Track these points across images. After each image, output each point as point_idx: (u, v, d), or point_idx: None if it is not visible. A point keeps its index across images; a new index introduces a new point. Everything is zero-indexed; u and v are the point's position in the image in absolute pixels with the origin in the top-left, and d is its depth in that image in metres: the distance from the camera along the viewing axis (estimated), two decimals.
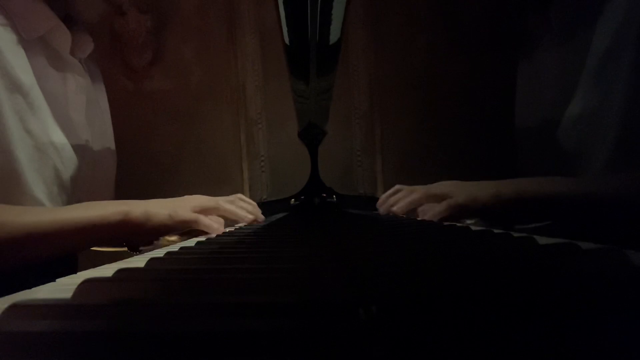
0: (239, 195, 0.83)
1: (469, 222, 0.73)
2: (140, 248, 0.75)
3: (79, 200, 0.79)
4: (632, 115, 0.66)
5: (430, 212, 0.71)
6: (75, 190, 0.78)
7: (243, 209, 0.79)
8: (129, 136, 1.16)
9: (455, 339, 0.15)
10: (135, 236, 0.69)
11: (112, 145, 0.95)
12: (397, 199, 0.79)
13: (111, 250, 0.77)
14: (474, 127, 1.35)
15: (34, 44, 0.72)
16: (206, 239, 0.58)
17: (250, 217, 0.79)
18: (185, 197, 0.77)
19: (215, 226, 0.70)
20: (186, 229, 0.71)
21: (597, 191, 0.65)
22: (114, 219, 0.65)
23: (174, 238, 0.78)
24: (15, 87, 0.67)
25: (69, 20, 0.79)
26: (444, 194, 0.72)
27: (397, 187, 0.82)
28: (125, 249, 0.73)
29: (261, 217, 0.83)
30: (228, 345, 0.15)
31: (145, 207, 0.68)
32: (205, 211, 0.73)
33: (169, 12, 1.38)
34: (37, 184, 0.69)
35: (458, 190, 0.72)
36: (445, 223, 0.66)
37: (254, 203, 0.83)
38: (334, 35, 0.58)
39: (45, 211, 0.66)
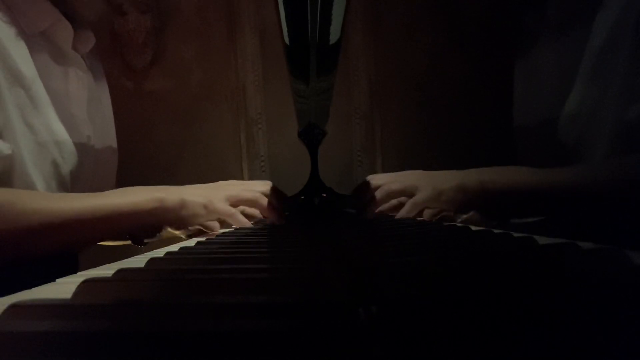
0: (269, 184, 0.78)
1: (464, 216, 0.72)
2: (145, 241, 0.74)
3: None
4: (630, 111, 0.66)
5: (398, 214, 0.72)
6: (75, 186, 0.78)
7: (275, 210, 0.76)
8: (129, 136, 1.16)
9: (455, 339, 0.15)
10: (168, 223, 0.67)
11: (114, 142, 0.95)
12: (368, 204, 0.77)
13: (114, 245, 0.76)
14: (474, 126, 1.35)
15: (36, 38, 0.73)
16: (206, 239, 0.58)
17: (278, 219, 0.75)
18: (220, 183, 0.75)
19: (248, 225, 0.70)
20: (218, 220, 0.70)
21: (563, 181, 0.64)
22: (150, 205, 0.63)
23: (177, 232, 0.77)
24: (17, 81, 0.67)
25: (70, 15, 0.79)
26: (407, 189, 0.71)
27: (367, 182, 0.80)
28: (129, 242, 0.72)
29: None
30: (228, 345, 0.15)
31: (181, 194, 0.66)
32: (240, 202, 0.72)
33: (169, 12, 1.38)
34: (37, 178, 0.69)
35: (421, 183, 0.70)
36: (445, 223, 0.66)
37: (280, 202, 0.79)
38: (334, 35, 0.58)
39: (81, 197, 0.64)
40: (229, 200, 0.70)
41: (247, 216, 0.74)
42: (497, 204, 0.67)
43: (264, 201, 0.73)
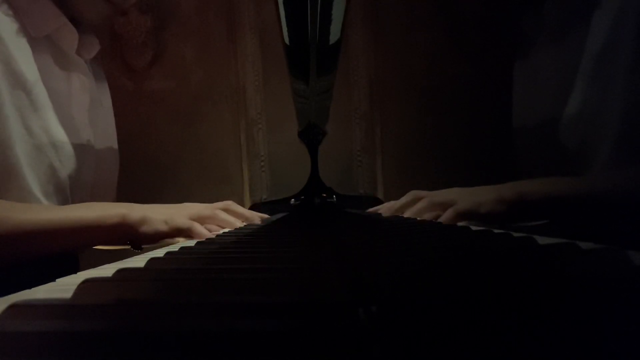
0: (229, 203, 0.81)
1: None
2: (143, 246, 0.75)
3: (80, 200, 0.79)
4: (630, 113, 0.66)
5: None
6: (75, 189, 0.78)
7: (240, 218, 0.78)
8: (129, 136, 1.16)
9: (456, 339, 0.15)
10: (130, 239, 0.69)
11: (115, 145, 0.95)
12: (401, 209, 0.79)
13: (113, 249, 0.77)
14: (474, 126, 1.35)
15: (40, 41, 0.73)
16: (206, 239, 0.58)
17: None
18: (185, 204, 0.77)
19: (208, 235, 0.69)
20: (181, 236, 0.71)
21: (598, 189, 0.65)
22: (112, 221, 0.65)
23: (180, 239, 0.78)
24: (19, 84, 0.67)
25: (76, 19, 0.79)
26: (448, 202, 0.72)
27: (410, 194, 0.82)
28: (128, 247, 0.73)
29: (258, 220, 0.82)
30: (228, 345, 0.15)
31: (144, 211, 0.68)
32: (202, 219, 0.73)
33: (169, 12, 1.38)
34: (33, 181, 0.69)
35: (462, 197, 0.72)
36: (445, 223, 0.66)
37: (248, 211, 0.82)
38: (334, 35, 0.58)
39: (45, 209, 0.66)
40: (190, 217, 0.71)
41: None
42: (535, 214, 0.68)
43: (225, 216, 0.75)
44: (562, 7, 0.80)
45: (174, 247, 0.47)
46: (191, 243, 0.53)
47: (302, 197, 1.06)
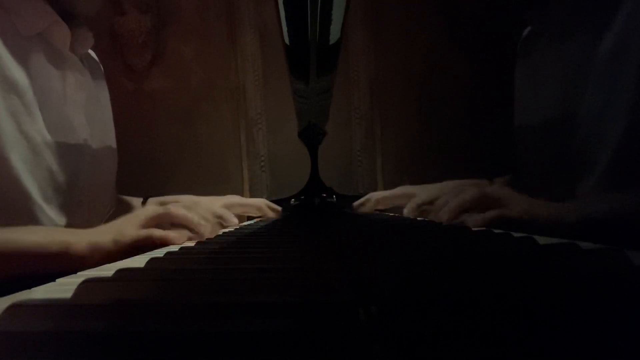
0: (202, 199, 0.73)
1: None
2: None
3: (79, 201, 0.79)
4: (636, 115, 0.66)
5: (472, 219, 0.64)
6: (74, 190, 0.77)
7: (203, 213, 0.69)
8: (129, 136, 1.16)
9: (455, 339, 0.15)
10: (81, 268, 0.65)
11: (113, 144, 0.94)
12: (392, 199, 0.76)
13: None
14: (474, 126, 1.35)
15: (32, 40, 0.72)
16: (206, 239, 0.58)
17: (204, 224, 0.66)
18: (133, 213, 0.68)
19: (171, 235, 0.61)
20: (144, 248, 0.61)
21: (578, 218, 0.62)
22: (54, 248, 0.58)
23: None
24: (11, 88, 0.66)
25: (68, 15, 0.78)
26: (496, 199, 0.65)
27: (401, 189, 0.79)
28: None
29: (233, 220, 0.76)
30: (228, 345, 0.15)
31: (89, 237, 0.60)
32: (158, 220, 0.65)
33: (169, 12, 1.38)
34: (32, 186, 0.68)
35: (514, 200, 0.64)
36: (445, 223, 0.66)
37: (252, 200, 0.77)
38: (334, 35, 0.58)
39: None
40: (142, 224, 0.62)
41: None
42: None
43: (179, 211, 0.66)
44: (569, 6, 0.79)
45: (174, 247, 0.47)
46: (191, 243, 0.53)
47: (302, 197, 1.06)
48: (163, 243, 0.60)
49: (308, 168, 1.11)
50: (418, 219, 0.74)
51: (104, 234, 0.61)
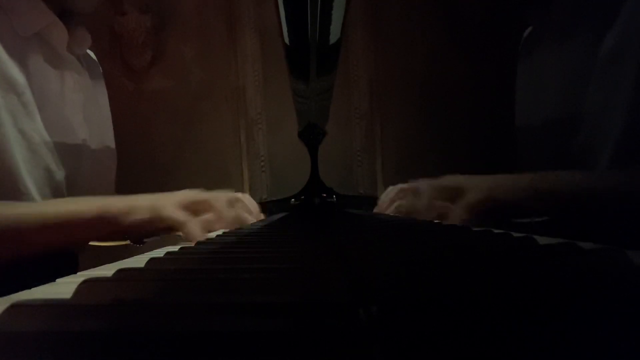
0: (240, 196, 0.73)
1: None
2: (145, 240, 0.73)
3: None
4: (637, 115, 0.66)
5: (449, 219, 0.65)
6: (72, 190, 0.77)
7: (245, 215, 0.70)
8: (129, 136, 1.16)
9: (455, 339, 0.15)
10: (114, 234, 0.63)
11: (112, 144, 0.94)
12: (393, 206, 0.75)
13: (112, 245, 0.76)
14: (474, 126, 1.35)
15: (30, 41, 0.72)
16: (206, 239, 0.58)
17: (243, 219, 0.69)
18: (177, 192, 0.68)
19: (199, 236, 0.60)
20: (171, 230, 0.63)
21: (606, 186, 0.62)
22: (92, 213, 0.59)
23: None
24: (10, 87, 0.66)
25: (66, 15, 0.78)
26: (455, 188, 0.66)
27: (398, 189, 0.78)
28: (126, 242, 0.71)
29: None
30: (228, 345, 0.15)
31: (126, 201, 0.62)
32: (196, 206, 0.65)
33: (169, 12, 1.38)
34: (31, 185, 0.68)
35: (472, 184, 0.65)
36: (444, 223, 0.66)
37: (256, 207, 0.75)
38: (334, 35, 0.58)
39: (16, 206, 0.61)
40: (181, 204, 0.63)
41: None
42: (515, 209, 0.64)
43: (227, 212, 0.66)
44: (571, 6, 0.79)
45: (174, 247, 0.47)
46: (191, 243, 0.53)
47: (302, 197, 1.06)
48: (187, 239, 0.60)
49: (308, 168, 1.11)
50: (418, 219, 0.74)
51: (142, 200, 0.62)
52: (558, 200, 0.62)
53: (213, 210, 0.66)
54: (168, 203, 0.62)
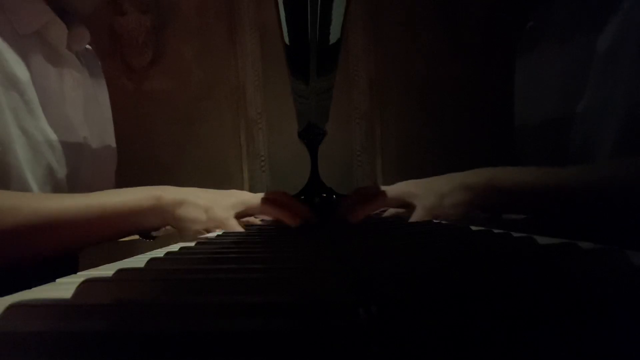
0: (281, 194, 0.71)
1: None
2: (154, 234, 0.73)
3: None
4: (634, 115, 0.66)
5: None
6: (73, 189, 0.77)
7: (293, 212, 0.68)
8: (129, 136, 1.16)
9: (455, 339, 0.15)
10: (166, 223, 0.63)
11: (113, 142, 0.94)
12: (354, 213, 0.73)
13: (121, 240, 0.75)
14: (475, 126, 1.35)
15: (29, 39, 0.71)
16: (206, 239, 0.58)
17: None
18: (231, 191, 0.69)
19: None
20: (218, 228, 0.64)
21: (567, 179, 0.62)
22: (147, 203, 0.60)
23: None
24: (12, 85, 0.66)
25: (65, 13, 0.77)
26: (406, 195, 0.67)
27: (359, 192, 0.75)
28: (136, 237, 0.71)
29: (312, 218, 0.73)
30: (228, 345, 0.15)
31: (181, 194, 0.62)
32: (251, 211, 0.67)
33: (169, 12, 1.38)
34: (32, 183, 0.68)
35: (422, 192, 0.66)
36: (444, 223, 0.66)
37: (304, 207, 0.71)
38: (334, 35, 0.58)
39: (72, 197, 0.61)
40: (235, 208, 0.64)
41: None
42: (506, 202, 0.64)
43: (273, 210, 0.67)
44: (572, 5, 0.79)
45: (174, 247, 0.47)
46: (191, 243, 0.53)
47: (302, 197, 1.06)
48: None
49: (308, 168, 1.11)
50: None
51: (197, 198, 0.63)
52: (558, 194, 0.62)
53: (263, 211, 0.68)
54: (222, 204, 0.63)
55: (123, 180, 1.00)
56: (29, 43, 0.71)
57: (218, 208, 0.63)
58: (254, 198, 0.68)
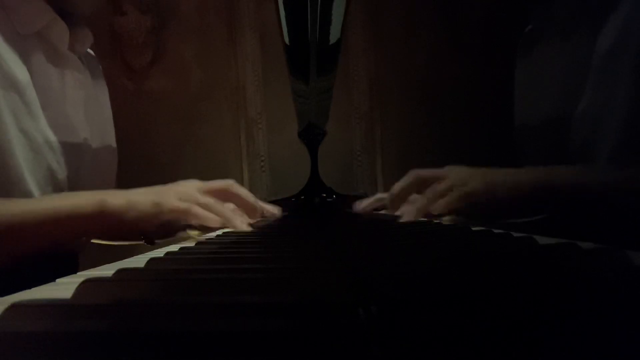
0: (230, 183, 0.69)
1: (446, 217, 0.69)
2: (157, 241, 0.72)
3: None
4: (636, 114, 0.66)
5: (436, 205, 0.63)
6: (73, 190, 0.77)
7: (242, 204, 0.66)
8: (129, 136, 1.16)
9: (455, 340, 0.15)
10: (115, 229, 0.61)
11: (113, 143, 0.94)
12: (403, 193, 0.71)
13: (122, 244, 0.76)
14: (474, 126, 1.35)
15: (31, 39, 0.71)
16: (206, 239, 0.58)
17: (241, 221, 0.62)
18: (176, 182, 0.67)
19: (210, 217, 0.59)
20: (179, 222, 0.62)
21: (603, 182, 0.62)
22: (90, 208, 0.58)
23: (195, 232, 0.71)
24: (12, 86, 0.66)
25: (67, 14, 0.77)
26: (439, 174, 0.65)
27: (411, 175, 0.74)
28: (141, 242, 0.71)
29: (260, 209, 0.72)
30: (228, 345, 0.15)
31: (126, 195, 0.60)
32: (211, 194, 0.63)
33: (169, 12, 1.38)
34: (33, 185, 0.68)
35: (473, 177, 0.64)
36: (444, 223, 0.66)
37: (252, 197, 0.70)
38: (334, 35, 0.58)
39: (13, 202, 0.60)
40: (180, 198, 0.61)
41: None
42: (545, 205, 0.63)
43: (239, 189, 0.64)
44: (573, 4, 0.79)
45: (174, 247, 0.47)
46: (191, 243, 0.53)
47: (302, 197, 1.06)
48: (198, 221, 0.59)
49: (308, 168, 1.11)
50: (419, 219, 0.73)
51: (144, 195, 0.60)
52: (558, 195, 0.62)
53: (233, 198, 0.65)
54: (169, 194, 0.61)
55: (123, 180, 1.00)
56: (30, 43, 0.71)
57: (169, 198, 0.60)
58: (199, 191, 0.64)
